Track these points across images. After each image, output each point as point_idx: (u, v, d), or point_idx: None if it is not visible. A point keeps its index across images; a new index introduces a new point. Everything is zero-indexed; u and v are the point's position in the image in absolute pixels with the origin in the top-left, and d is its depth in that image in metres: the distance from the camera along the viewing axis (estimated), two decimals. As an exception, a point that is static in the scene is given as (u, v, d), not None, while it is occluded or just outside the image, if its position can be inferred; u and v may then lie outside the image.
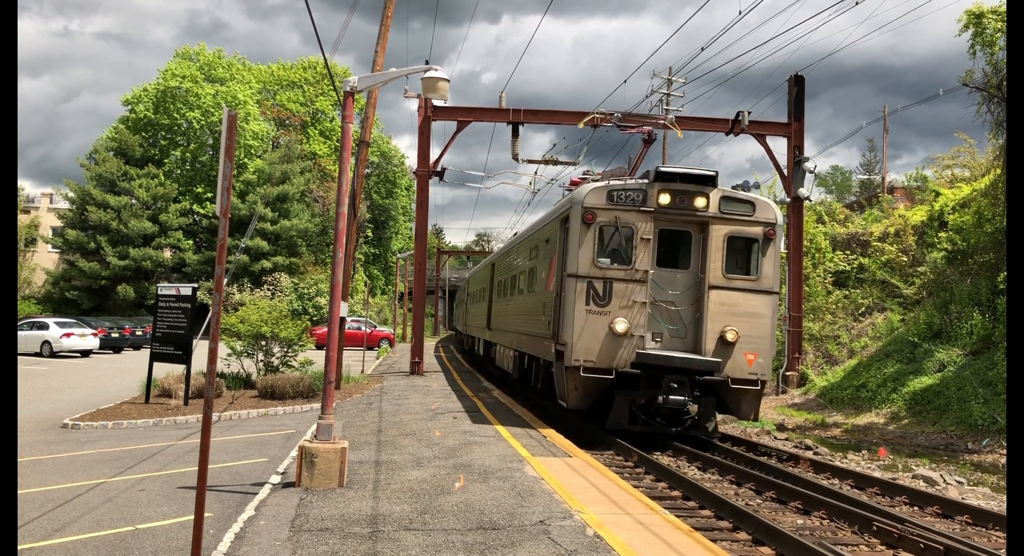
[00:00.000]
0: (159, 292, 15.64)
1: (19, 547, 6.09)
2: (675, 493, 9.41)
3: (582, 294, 12.27)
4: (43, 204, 66.01)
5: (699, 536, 6.58)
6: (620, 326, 12.14)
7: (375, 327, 44.52)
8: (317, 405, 14.68)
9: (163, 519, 7.06)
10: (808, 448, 15.17)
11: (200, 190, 57.34)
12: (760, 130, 24.32)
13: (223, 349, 15.66)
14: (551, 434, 12.31)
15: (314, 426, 9.44)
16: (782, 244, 16.19)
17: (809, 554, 6.56)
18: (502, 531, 6.56)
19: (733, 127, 23.64)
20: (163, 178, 55.06)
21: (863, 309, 27.24)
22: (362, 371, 24.07)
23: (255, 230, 49.81)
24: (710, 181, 12.68)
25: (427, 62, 20.14)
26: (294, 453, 9.65)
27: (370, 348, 36.75)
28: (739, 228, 12.64)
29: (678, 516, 7.50)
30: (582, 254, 12.34)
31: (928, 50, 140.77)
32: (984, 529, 8.33)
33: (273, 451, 10.63)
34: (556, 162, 27.14)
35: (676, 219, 12.68)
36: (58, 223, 55.76)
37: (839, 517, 8.27)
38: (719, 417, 14.36)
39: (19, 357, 27.70)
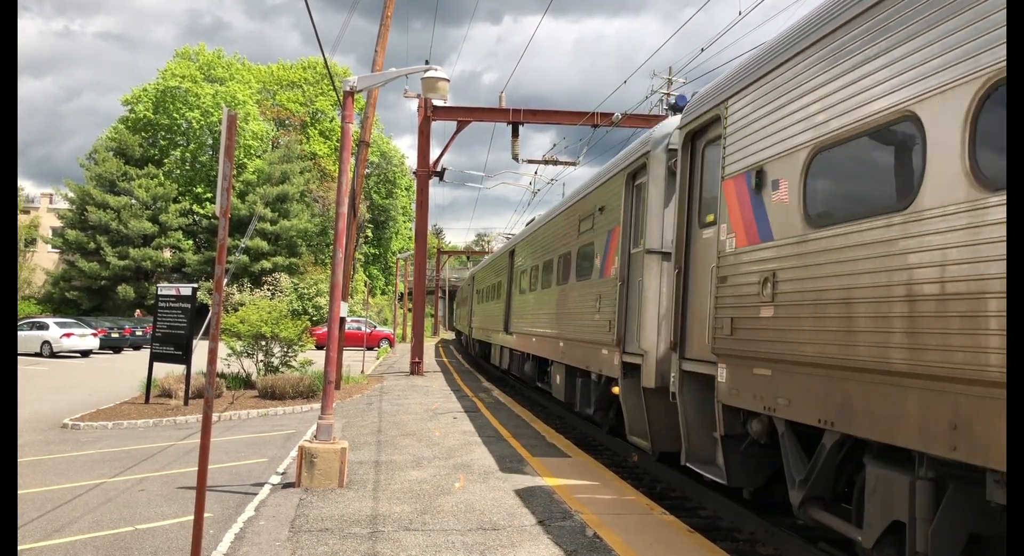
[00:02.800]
0: (159, 292, 15.64)
1: (19, 547, 6.09)
2: (675, 493, 9.41)
3: None
4: (43, 204, 66.10)
5: (699, 536, 6.59)
6: None
7: (375, 327, 44.54)
8: (317, 405, 14.67)
9: (163, 519, 7.06)
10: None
11: (200, 190, 57.35)
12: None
13: (223, 349, 15.68)
14: (551, 434, 12.31)
15: (314, 426, 9.45)
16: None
17: (809, 554, 6.56)
18: (502, 531, 6.56)
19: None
20: (163, 178, 55.10)
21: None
22: (362, 371, 24.08)
23: (255, 230, 49.84)
24: None
25: (427, 62, 20.18)
26: (294, 453, 9.65)
27: (370, 348, 36.76)
28: None
29: (678, 516, 7.50)
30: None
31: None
32: None
33: (273, 451, 10.63)
34: (556, 162, 27.23)
35: None
36: (58, 223, 55.85)
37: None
38: None
39: (19, 357, 27.71)
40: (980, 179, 3.99)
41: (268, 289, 45.62)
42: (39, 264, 56.36)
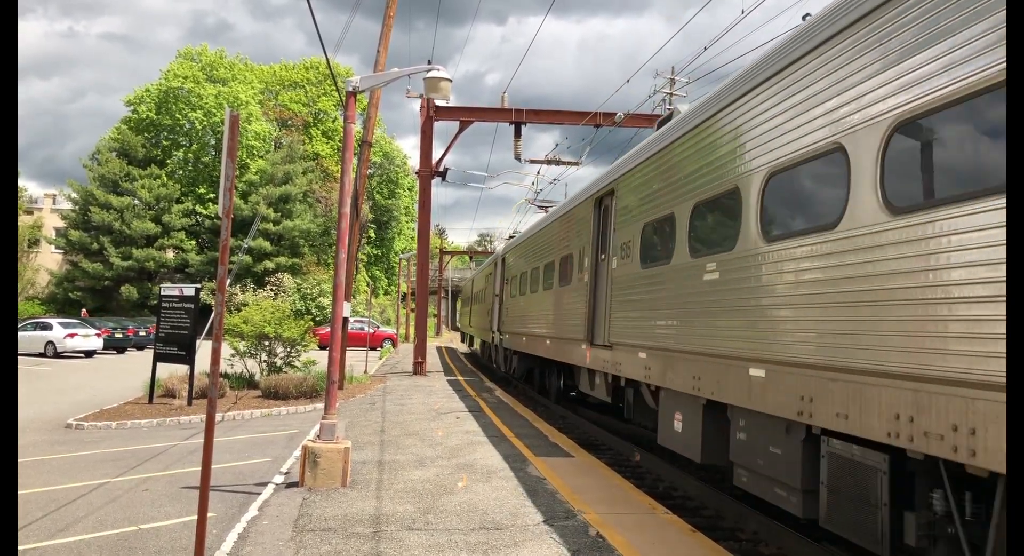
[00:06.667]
0: (162, 292, 15.66)
1: (23, 547, 6.11)
2: (677, 492, 9.41)
3: None
4: (46, 205, 66.19)
5: (701, 536, 6.59)
6: None
7: (378, 327, 44.56)
8: (320, 405, 14.69)
9: (167, 519, 7.08)
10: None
11: (203, 191, 57.45)
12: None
13: (226, 349, 15.69)
14: (554, 434, 12.32)
15: (317, 426, 9.46)
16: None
17: (811, 553, 6.56)
18: (505, 531, 6.57)
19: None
20: (165, 179, 55.17)
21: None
22: (365, 371, 24.10)
23: (258, 231, 49.88)
24: None
25: (429, 62, 20.17)
26: (297, 453, 9.67)
27: (373, 348, 36.79)
28: None
29: (680, 515, 7.50)
30: None
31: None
32: None
33: (276, 451, 10.65)
34: (559, 162, 27.21)
35: None
36: (61, 224, 55.92)
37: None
38: None
39: (23, 357, 27.76)
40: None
41: (271, 289, 45.79)
42: (43, 265, 56.43)
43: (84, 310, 48.00)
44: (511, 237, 25.30)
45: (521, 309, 18.33)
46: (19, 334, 28.70)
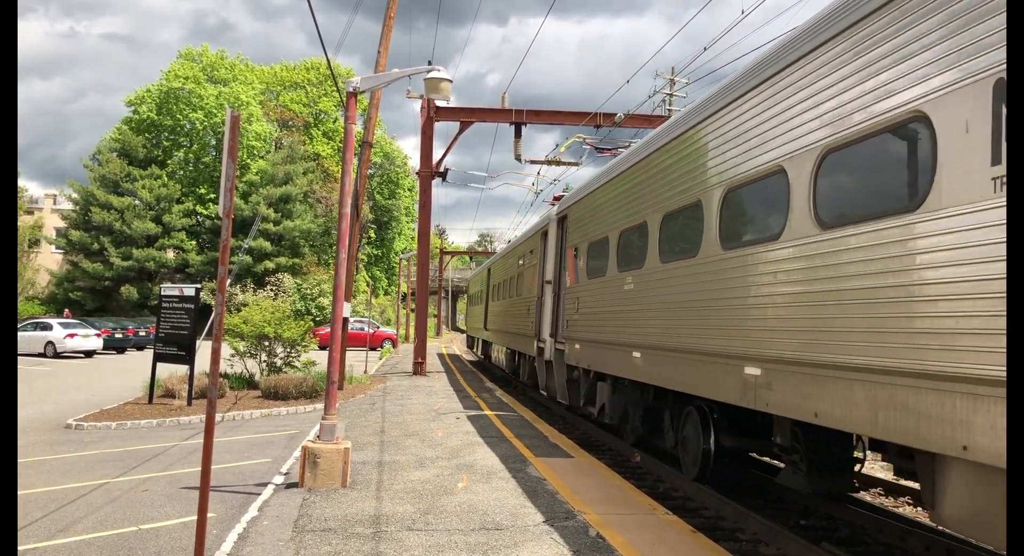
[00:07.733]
0: (162, 293, 15.66)
1: (23, 547, 6.11)
2: (678, 493, 9.40)
3: None
4: (47, 205, 66.19)
5: (702, 536, 6.58)
6: None
7: (378, 327, 44.52)
8: (320, 405, 14.69)
9: (166, 519, 7.08)
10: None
11: (203, 191, 57.44)
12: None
13: (226, 349, 15.68)
14: (554, 434, 12.31)
15: (317, 426, 9.45)
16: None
17: (812, 553, 6.55)
18: (505, 531, 6.56)
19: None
20: (166, 179, 55.17)
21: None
22: (365, 371, 24.09)
23: (258, 231, 49.88)
24: None
25: (430, 63, 20.18)
26: (297, 453, 9.66)
27: (373, 349, 36.73)
28: None
29: (680, 516, 7.49)
30: None
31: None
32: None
33: (276, 451, 10.65)
34: (559, 163, 27.19)
35: None
36: (62, 224, 55.92)
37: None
38: None
39: (23, 358, 27.75)
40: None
41: (271, 289, 45.78)
42: (43, 265, 56.41)
43: (67, 310, 47.41)
44: (558, 198, 16.66)
45: (625, 301, 10.25)
46: (19, 334, 28.70)
